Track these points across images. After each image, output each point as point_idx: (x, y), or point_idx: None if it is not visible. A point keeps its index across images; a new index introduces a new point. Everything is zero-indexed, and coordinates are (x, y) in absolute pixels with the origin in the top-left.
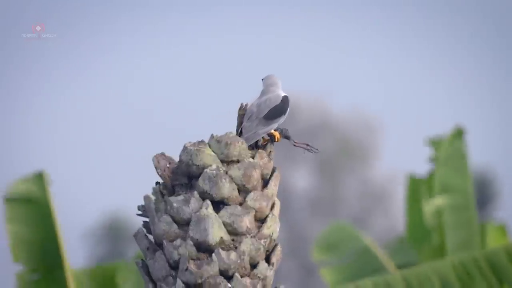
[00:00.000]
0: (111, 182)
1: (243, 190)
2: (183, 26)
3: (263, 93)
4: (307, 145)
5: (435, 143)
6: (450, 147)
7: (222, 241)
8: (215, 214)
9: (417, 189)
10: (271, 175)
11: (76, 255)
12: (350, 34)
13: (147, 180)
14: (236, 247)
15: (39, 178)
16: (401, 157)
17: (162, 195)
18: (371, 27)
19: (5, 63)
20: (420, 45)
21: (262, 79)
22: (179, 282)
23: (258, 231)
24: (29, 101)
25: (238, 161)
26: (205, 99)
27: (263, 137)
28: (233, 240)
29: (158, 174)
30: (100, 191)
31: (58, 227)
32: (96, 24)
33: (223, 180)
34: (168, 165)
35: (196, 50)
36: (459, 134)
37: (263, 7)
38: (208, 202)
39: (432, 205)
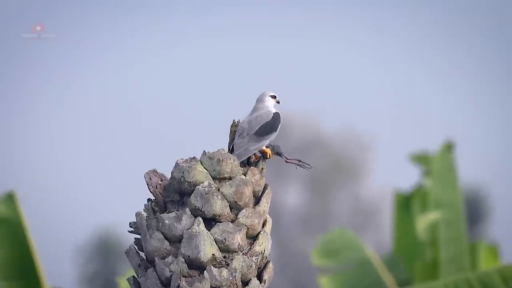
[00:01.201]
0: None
1: (235, 207)
2: (184, 26)
3: (254, 109)
4: (299, 161)
5: (421, 158)
6: (440, 161)
7: (213, 258)
8: (207, 231)
9: (405, 205)
10: (263, 192)
11: (67, 272)
12: (343, 53)
13: (139, 197)
14: (228, 264)
15: (10, 198)
16: (392, 174)
17: (154, 212)
18: (362, 46)
19: (5, 63)
20: (410, 64)
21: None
22: None
23: (250, 248)
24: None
25: (230, 178)
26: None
27: (255, 154)
28: (224, 257)
29: (150, 191)
30: (91, 207)
31: (33, 247)
32: (96, 24)
33: (215, 197)
34: (160, 182)
35: (196, 50)
36: (449, 148)
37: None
38: (200, 219)
39: (425, 220)
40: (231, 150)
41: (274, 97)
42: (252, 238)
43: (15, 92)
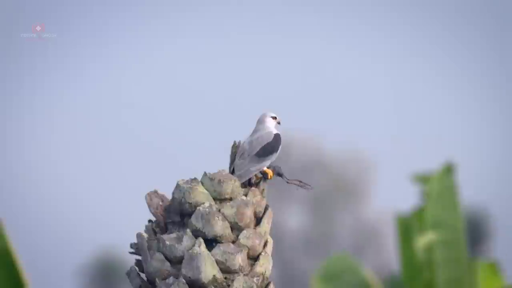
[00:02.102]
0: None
1: (236, 228)
2: (185, 26)
3: (255, 130)
4: (300, 182)
5: (423, 179)
6: (441, 183)
7: (214, 279)
8: (208, 252)
9: (407, 227)
10: (264, 213)
11: None
12: (343, 73)
13: (140, 218)
14: (229, 285)
15: None
16: (393, 195)
17: (155, 233)
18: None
19: (5, 63)
20: (411, 84)
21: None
22: None
23: (251, 269)
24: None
25: (231, 199)
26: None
27: (256, 175)
28: (225, 278)
29: (151, 212)
30: (92, 228)
31: (23, 276)
32: (96, 24)
33: (216, 218)
34: (160, 203)
35: (198, 67)
36: (449, 170)
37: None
38: (201, 240)
39: (422, 240)
40: (232, 171)
41: (274, 118)
42: (253, 259)
43: (15, 92)
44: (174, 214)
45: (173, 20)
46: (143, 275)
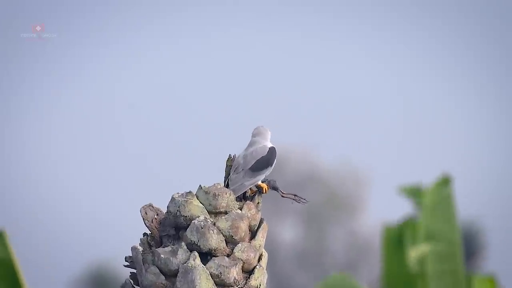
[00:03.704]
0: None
1: (230, 242)
2: (186, 26)
3: (250, 144)
4: (295, 195)
5: (413, 191)
6: (436, 195)
7: None
8: (203, 265)
9: (396, 238)
10: (258, 227)
11: None
12: (339, 88)
13: (135, 231)
14: None
15: (0, 238)
16: (389, 209)
17: (150, 246)
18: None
19: (5, 63)
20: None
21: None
22: None
23: (246, 283)
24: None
25: (226, 213)
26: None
27: (250, 188)
28: None
29: (146, 225)
30: (87, 241)
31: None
32: (96, 24)
33: (211, 232)
34: (155, 216)
35: (197, 51)
36: (445, 182)
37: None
38: (196, 253)
39: (416, 252)
40: (226, 185)
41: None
42: (248, 272)
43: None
44: (169, 228)
45: (174, 21)
46: None
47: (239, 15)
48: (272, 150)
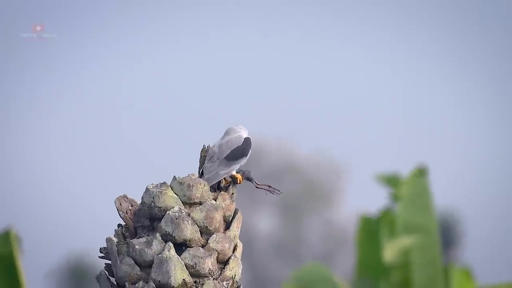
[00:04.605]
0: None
1: (205, 232)
2: (186, 26)
3: (226, 134)
4: (269, 186)
5: (389, 180)
6: (412, 185)
7: (184, 283)
8: (177, 256)
9: (371, 228)
10: (233, 217)
11: None
12: (315, 78)
13: (110, 222)
14: None
15: (6, 236)
16: (365, 199)
17: (124, 237)
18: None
19: (5, 63)
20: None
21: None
22: None
23: (221, 273)
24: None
25: (200, 203)
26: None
27: (225, 179)
28: (195, 282)
29: (120, 217)
30: (63, 233)
31: (24, 285)
32: (96, 24)
33: (185, 222)
34: (130, 207)
35: (196, 52)
36: (421, 172)
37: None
38: (170, 244)
39: (396, 244)
40: (201, 174)
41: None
42: (223, 263)
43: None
44: (144, 219)
45: (174, 21)
46: (112, 279)
47: (239, 15)
48: (247, 140)
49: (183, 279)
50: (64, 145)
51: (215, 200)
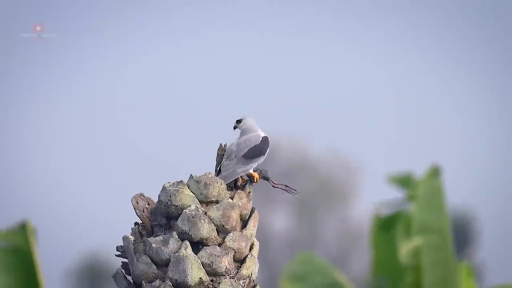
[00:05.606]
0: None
1: (222, 231)
2: (186, 26)
3: (243, 133)
4: (286, 186)
5: (402, 181)
6: (426, 185)
7: (201, 281)
8: (194, 254)
9: (385, 228)
10: (250, 216)
11: None
12: (330, 78)
13: (127, 221)
14: None
15: (23, 228)
16: (380, 196)
17: (141, 235)
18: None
19: (5, 63)
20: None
21: (237, 121)
22: None
23: (237, 272)
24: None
25: (217, 202)
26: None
27: (242, 177)
28: (212, 280)
29: (137, 215)
30: (79, 231)
31: (41, 277)
32: (96, 24)
33: (202, 221)
34: (147, 206)
35: (197, 52)
36: (435, 173)
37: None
38: (187, 242)
39: (409, 245)
40: (218, 172)
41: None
42: (239, 261)
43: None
44: (160, 217)
45: (173, 21)
46: (129, 278)
47: (236, 15)
48: (265, 139)
49: (200, 278)
50: (63, 143)
51: (232, 199)
